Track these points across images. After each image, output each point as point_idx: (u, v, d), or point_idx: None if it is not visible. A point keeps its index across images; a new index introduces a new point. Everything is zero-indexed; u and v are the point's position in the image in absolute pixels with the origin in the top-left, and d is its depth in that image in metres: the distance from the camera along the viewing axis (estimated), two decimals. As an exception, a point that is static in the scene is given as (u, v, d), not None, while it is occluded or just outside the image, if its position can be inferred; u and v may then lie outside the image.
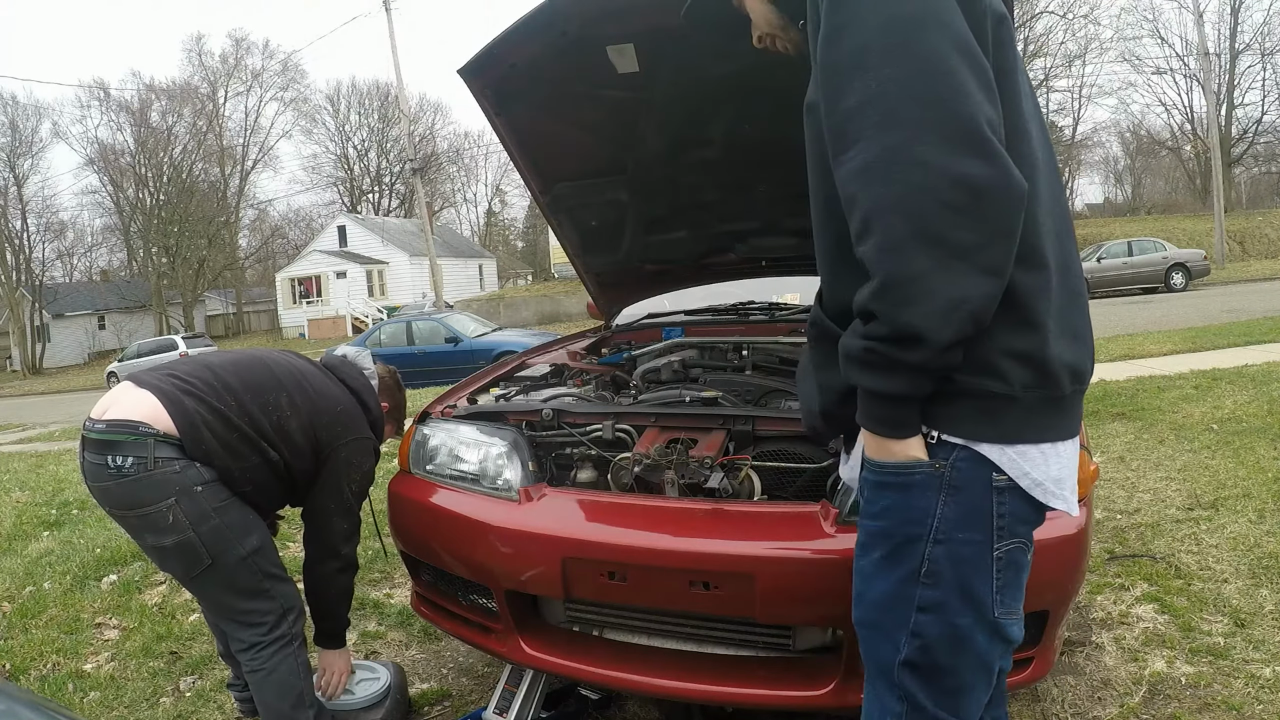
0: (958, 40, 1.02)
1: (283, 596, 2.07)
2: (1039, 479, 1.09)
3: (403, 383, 2.58)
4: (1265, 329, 9.08)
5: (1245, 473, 3.98)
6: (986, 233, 0.99)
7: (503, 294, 35.68)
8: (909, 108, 1.00)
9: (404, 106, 25.72)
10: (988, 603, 1.10)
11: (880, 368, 1.05)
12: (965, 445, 1.08)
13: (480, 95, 2.42)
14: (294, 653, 2.07)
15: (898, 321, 1.01)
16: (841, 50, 1.05)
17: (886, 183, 1.00)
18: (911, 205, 0.98)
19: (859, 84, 1.03)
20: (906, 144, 0.99)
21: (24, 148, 40.86)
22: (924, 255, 0.98)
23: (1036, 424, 1.10)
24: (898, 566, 1.12)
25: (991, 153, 0.99)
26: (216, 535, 1.94)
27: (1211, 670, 2.35)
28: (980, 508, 1.09)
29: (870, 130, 1.01)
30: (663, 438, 2.06)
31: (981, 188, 0.98)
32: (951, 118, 0.99)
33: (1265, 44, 34.38)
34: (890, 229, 1.00)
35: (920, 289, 0.99)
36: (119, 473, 1.89)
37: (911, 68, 1.00)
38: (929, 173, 0.98)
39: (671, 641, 1.97)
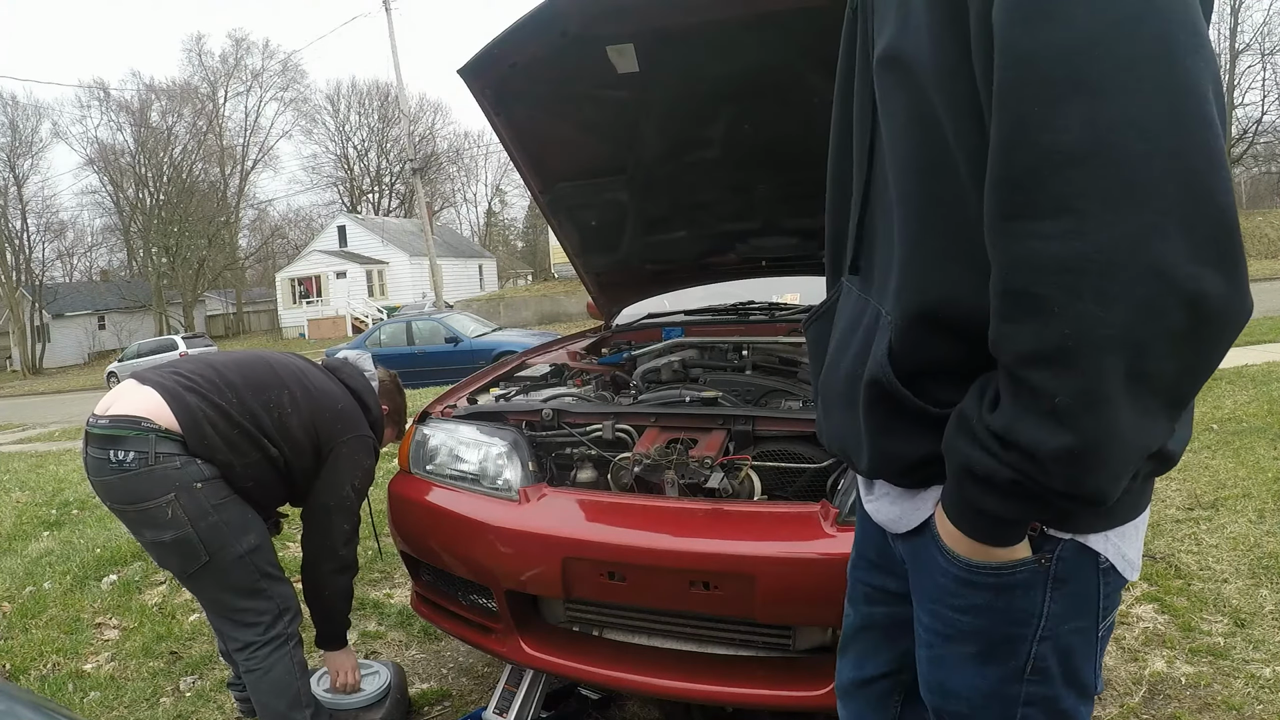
0: (1213, 66, 0.67)
1: (279, 596, 2.07)
2: (1131, 557, 0.95)
3: (403, 385, 2.58)
4: (1265, 329, 9.09)
5: (1245, 473, 3.98)
6: (1193, 364, 0.72)
7: (503, 294, 35.68)
8: (1157, 176, 0.66)
9: (404, 106, 25.73)
10: (1091, 681, 0.98)
11: (1028, 501, 0.80)
12: (1072, 539, 0.91)
13: (480, 95, 2.42)
14: (290, 652, 2.07)
15: (1081, 487, 0.76)
16: (1051, 40, 0.68)
17: (1108, 301, 0.68)
18: (1135, 336, 0.69)
19: (1082, 113, 0.67)
20: (1144, 239, 0.66)
21: (24, 148, 40.88)
22: (1129, 403, 0.71)
23: (1137, 501, 0.94)
24: (997, 665, 0.96)
25: (1236, 262, 0.69)
26: (215, 532, 1.95)
27: (1211, 670, 2.35)
28: (1088, 594, 0.94)
29: (1095, 204, 0.67)
30: (663, 438, 2.06)
31: (1213, 314, 0.69)
32: (1207, 201, 0.66)
33: (1265, 44, 34.41)
34: (1104, 377, 0.70)
35: (1119, 447, 0.73)
36: (120, 467, 1.90)
37: (1166, 107, 0.65)
38: (1163, 286, 0.67)
39: (671, 641, 1.97)
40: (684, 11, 2.10)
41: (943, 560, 0.95)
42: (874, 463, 0.99)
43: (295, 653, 2.08)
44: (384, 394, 2.41)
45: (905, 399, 0.91)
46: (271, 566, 2.08)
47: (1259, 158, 39.18)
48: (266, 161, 47.04)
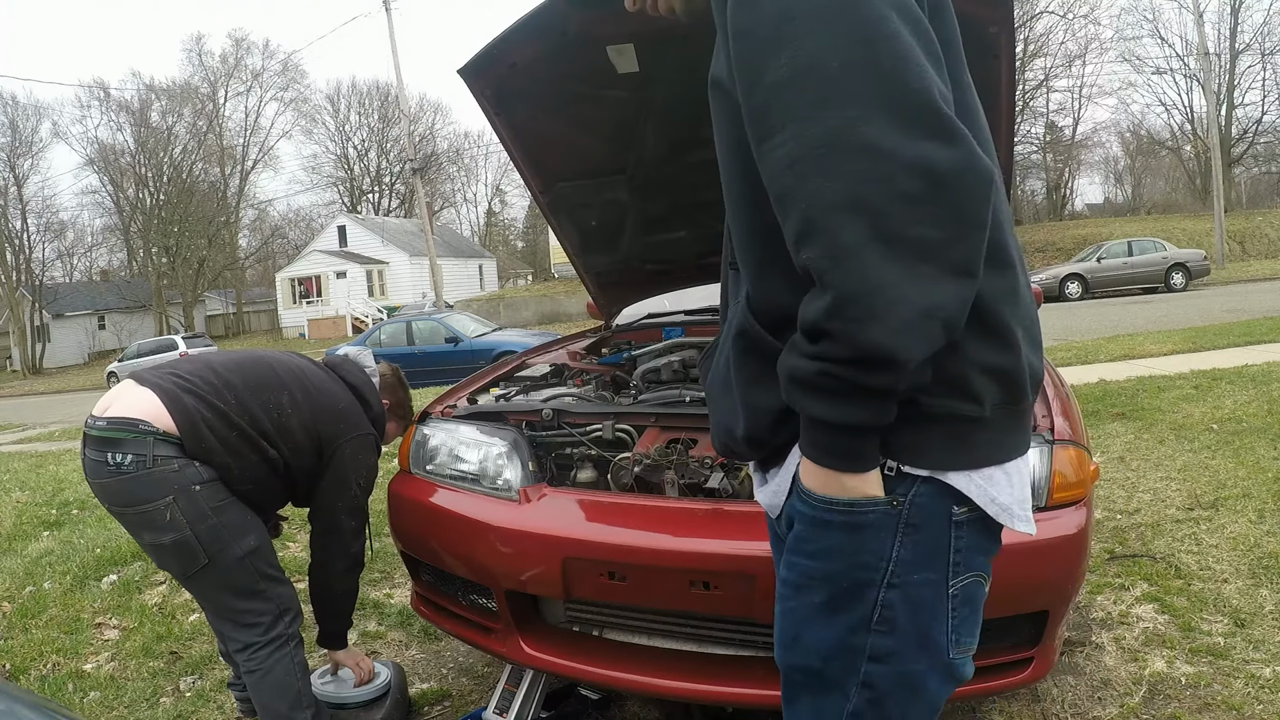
0: (895, 2, 0.86)
1: (279, 598, 2.07)
2: (1006, 503, 0.97)
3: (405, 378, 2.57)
4: (1265, 329, 9.08)
5: (1245, 473, 3.98)
6: (954, 226, 0.84)
7: (503, 294, 35.69)
8: (849, 81, 0.83)
9: (404, 106, 25.72)
10: (943, 644, 0.98)
11: (838, 394, 0.88)
12: (930, 477, 0.95)
13: (480, 95, 2.42)
14: (290, 653, 2.07)
15: (860, 341, 0.84)
16: (760, 13, 0.88)
17: (829, 174, 0.83)
18: (863, 200, 0.82)
19: (784, 55, 0.86)
20: (850, 125, 0.83)
21: (24, 148, 40.92)
22: (885, 259, 0.82)
23: (1004, 442, 0.98)
24: (845, 613, 0.98)
25: (952, 131, 0.84)
26: (214, 535, 1.94)
27: (1211, 670, 2.35)
28: (938, 545, 0.96)
29: (803, 110, 0.85)
30: (663, 438, 2.06)
31: (944, 173, 0.82)
32: (901, 91, 0.83)
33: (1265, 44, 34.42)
34: (840, 231, 0.83)
35: (885, 300, 0.82)
36: (118, 470, 1.90)
37: (848, 33, 0.84)
38: (880, 159, 0.82)
39: (671, 641, 1.97)
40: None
41: (801, 505, 0.99)
42: (748, 426, 1.05)
43: (296, 653, 2.08)
44: (385, 389, 2.40)
45: (765, 342, 1.00)
46: (271, 568, 2.07)
47: (1259, 158, 39.17)
48: (266, 161, 47.05)
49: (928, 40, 0.88)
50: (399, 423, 2.51)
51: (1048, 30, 35.75)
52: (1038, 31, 35.26)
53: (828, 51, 0.85)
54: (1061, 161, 41.76)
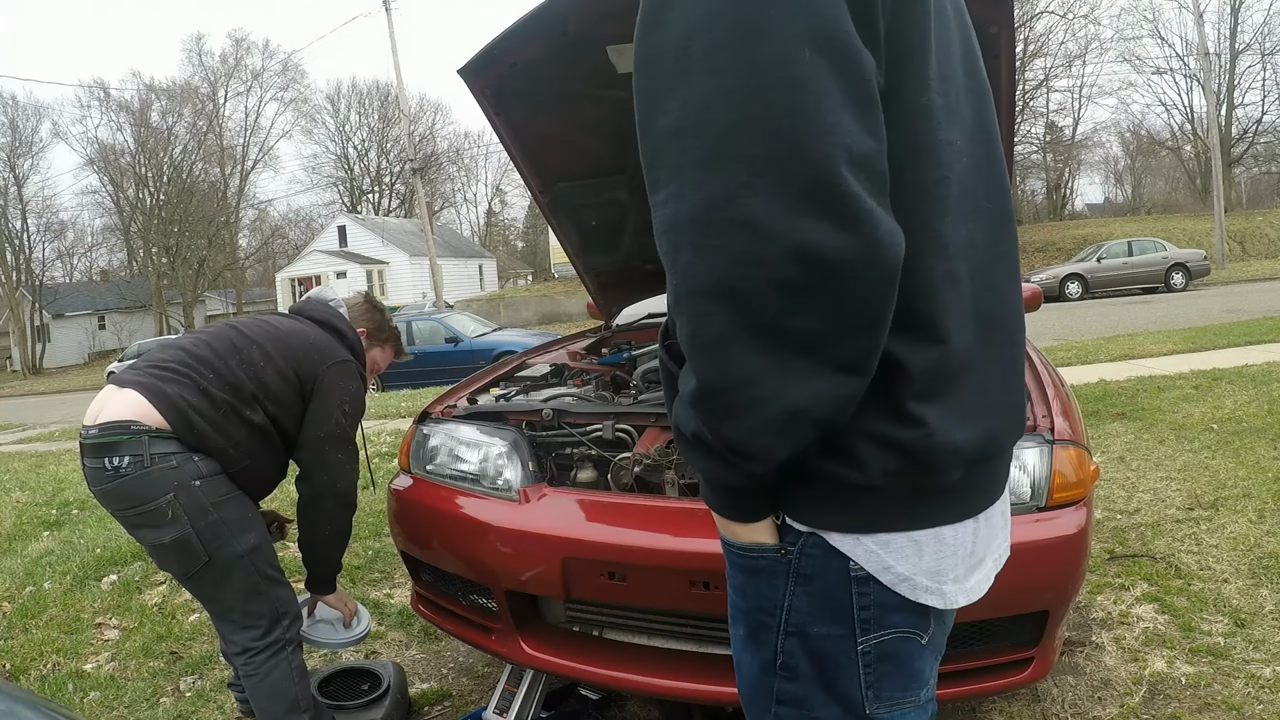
0: (814, 29, 0.70)
1: (278, 600, 2.06)
2: (907, 573, 0.87)
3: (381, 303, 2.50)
4: (1265, 329, 9.08)
5: (1245, 473, 3.98)
6: (841, 321, 0.73)
7: (503, 294, 35.68)
8: (738, 140, 0.71)
9: (404, 106, 25.73)
10: (856, 699, 0.91)
11: (713, 459, 0.82)
12: (813, 533, 0.88)
13: (480, 95, 2.42)
14: (288, 658, 2.06)
15: (719, 435, 0.78)
16: (660, 42, 0.75)
17: (700, 250, 0.73)
18: (735, 285, 0.72)
19: (678, 97, 0.74)
20: (731, 196, 0.71)
21: (24, 148, 40.88)
22: (753, 352, 0.73)
23: (909, 512, 0.87)
24: (758, 651, 0.95)
25: (848, 212, 0.70)
26: (214, 531, 1.94)
27: (1211, 670, 2.35)
28: (836, 599, 0.89)
29: (686, 170, 0.73)
30: (663, 438, 2.06)
31: (833, 263, 0.70)
32: (796, 159, 0.70)
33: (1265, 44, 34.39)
34: (705, 318, 0.74)
35: (747, 398, 0.75)
36: (117, 473, 1.90)
37: (744, 80, 0.71)
38: (761, 239, 0.70)
39: (671, 641, 1.97)
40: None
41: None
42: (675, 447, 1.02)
43: (294, 657, 2.08)
44: (359, 317, 2.36)
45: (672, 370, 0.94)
46: (272, 569, 2.07)
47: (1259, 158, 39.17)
48: (266, 161, 47.05)
49: (852, 73, 0.72)
50: (385, 346, 2.45)
51: (1048, 30, 35.72)
52: (1038, 31, 35.24)
53: (720, 101, 0.72)
54: (1061, 161, 41.76)
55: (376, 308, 2.44)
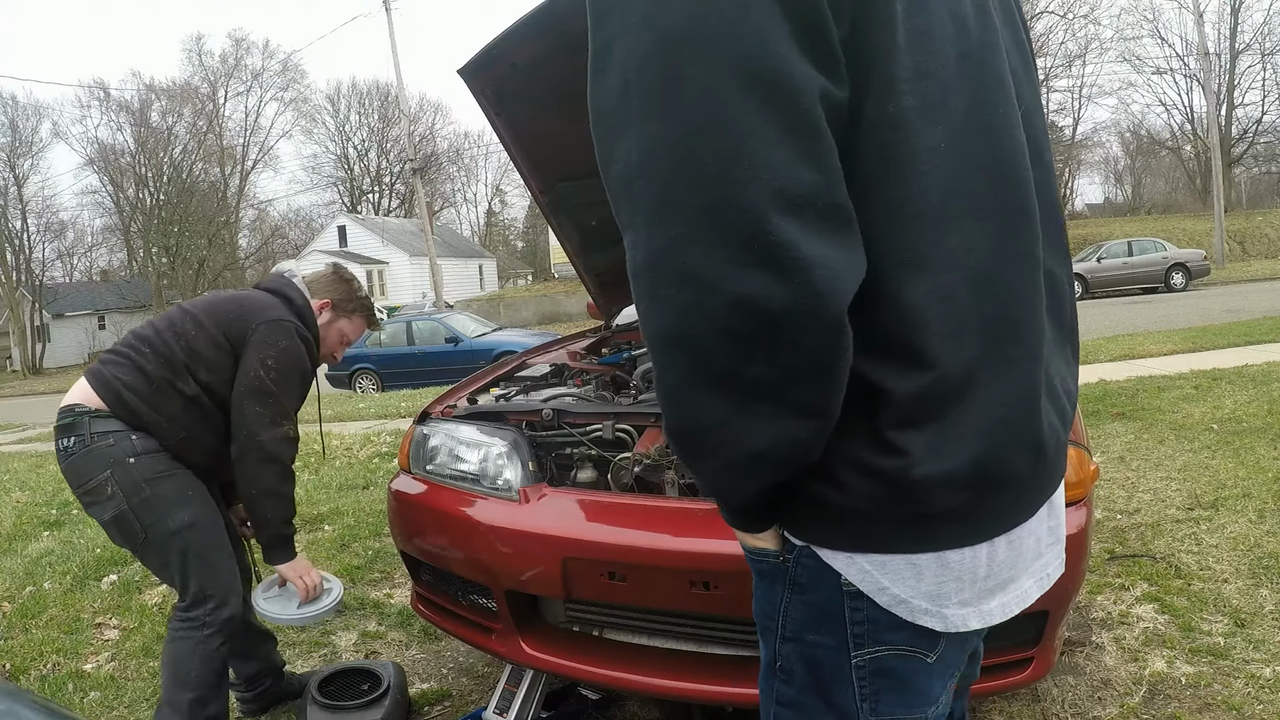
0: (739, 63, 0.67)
1: (206, 582, 2.06)
2: (902, 595, 0.85)
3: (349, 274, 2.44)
4: (1265, 329, 9.08)
5: (1245, 473, 3.98)
6: (794, 368, 0.72)
7: (503, 294, 35.69)
8: (674, 189, 0.69)
9: (404, 106, 25.73)
10: (851, 710, 0.91)
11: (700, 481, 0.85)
12: (808, 546, 0.88)
13: (480, 95, 2.42)
14: (200, 640, 2.05)
15: (695, 468, 0.81)
16: (606, 87, 0.76)
17: (654, 300, 0.72)
18: (687, 335, 0.71)
19: (624, 145, 0.73)
20: (674, 249, 0.70)
21: (24, 148, 40.84)
22: (713, 399, 0.74)
23: (904, 535, 0.84)
24: (765, 651, 0.97)
25: (782, 262, 0.67)
26: (147, 507, 2.00)
27: (1211, 670, 2.35)
28: (829, 612, 0.89)
29: (638, 221, 0.72)
30: (663, 438, 2.06)
31: (773, 313, 0.69)
32: (726, 206, 0.68)
33: (1265, 44, 34.40)
34: (667, 367, 0.75)
35: (711, 442, 0.76)
36: (66, 453, 2.03)
37: (676, 124, 0.69)
38: (703, 291, 0.69)
39: (671, 641, 1.97)
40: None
41: None
42: None
43: (207, 642, 2.05)
44: (324, 288, 2.33)
45: None
46: (206, 548, 2.06)
47: (1259, 158, 39.18)
48: (266, 161, 47.19)
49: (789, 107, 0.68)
50: (354, 318, 2.39)
51: (1048, 30, 35.72)
52: (1038, 31, 35.20)
53: (657, 149, 0.70)
54: (1061, 161, 41.74)
55: (343, 278, 2.39)
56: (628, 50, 0.72)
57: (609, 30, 0.75)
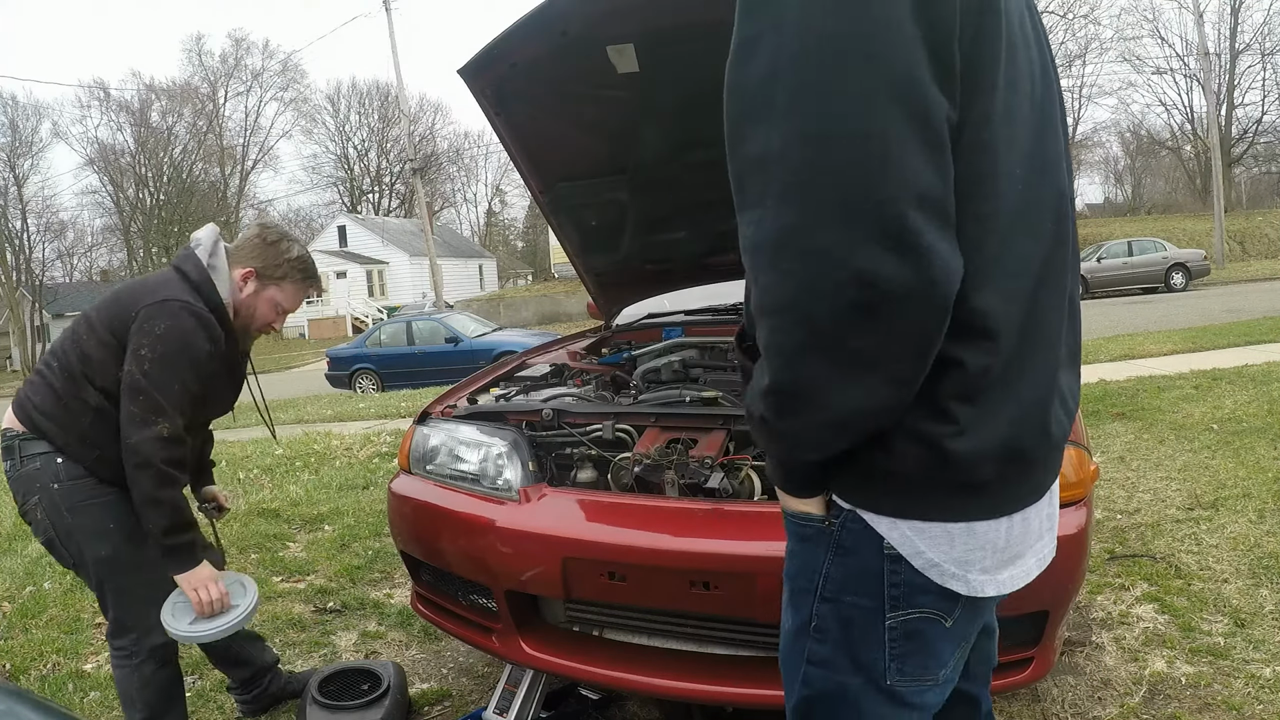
0: (896, 79, 0.78)
1: (123, 613, 2.01)
2: (935, 559, 0.96)
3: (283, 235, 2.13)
4: (1265, 329, 9.08)
5: (1245, 473, 3.98)
6: (894, 344, 0.82)
7: (503, 294, 35.69)
8: (816, 177, 0.79)
9: (404, 106, 25.73)
10: (879, 670, 1.01)
11: (774, 442, 0.95)
12: (854, 510, 0.98)
13: (480, 95, 2.42)
14: (133, 668, 2.03)
15: (780, 427, 0.90)
16: (750, 73, 0.83)
17: (779, 271, 0.82)
18: (805, 306, 0.81)
19: (763, 130, 0.81)
20: (807, 227, 0.79)
21: (24, 148, 40.81)
22: (819, 364, 0.83)
23: (942, 503, 0.95)
24: (796, 613, 1.06)
25: (911, 247, 0.78)
26: (70, 535, 1.94)
27: (1211, 670, 2.35)
28: (869, 573, 0.98)
29: (769, 199, 0.81)
30: (663, 438, 2.06)
31: (891, 293, 0.78)
32: (866, 197, 0.78)
33: (1265, 44, 34.40)
34: (782, 329, 0.84)
35: (809, 402, 0.86)
36: (7, 475, 1.99)
37: (825, 121, 0.78)
38: (829, 267, 0.79)
39: (672, 641, 1.97)
40: (684, 11, 2.10)
41: None
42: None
43: (140, 670, 2.02)
44: (246, 255, 2.06)
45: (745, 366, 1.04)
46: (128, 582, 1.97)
47: (1259, 158, 39.18)
48: (266, 161, 47.14)
49: (925, 121, 0.79)
50: (283, 284, 2.09)
51: (1048, 30, 35.61)
52: (1038, 31, 35.14)
53: (801, 139, 0.79)
54: (1061, 161, 41.66)
55: (268, 241, 2.09)
56: (780, 46, 0.80)
57: (761, 22, 0.82)
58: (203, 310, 1.93)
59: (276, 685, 2.48)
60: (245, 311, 2.08)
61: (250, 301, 2.08)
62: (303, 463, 5.91)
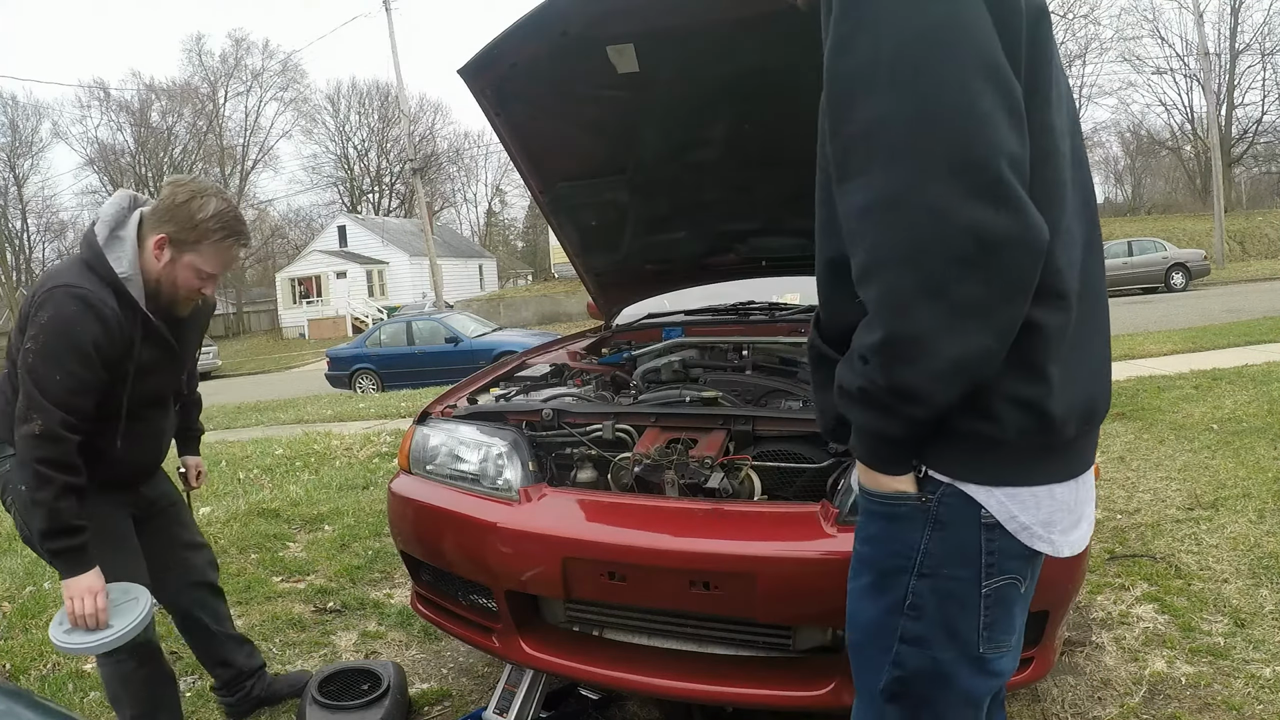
0: (984, 61, 0.92)
1: None
2: (1026, 522, 1.04)
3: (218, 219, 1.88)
4: (1265, 329, 9.09)
5: (1245, 473, 3.98)
6: (998, 289, 0.91)
7: (503, 294, 35.69)
8: (920, 142, 0.90)
9: (404, 106, 25.74)
10: (973, 639, 1.07)
11: (873, 409, 1.00)
12: (951, 483, 1.04)
13: (480, 95, 2.42)
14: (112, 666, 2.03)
15: (894, 379, 0.95)
16: (851, 62, 0.95)
17: (891, 228, 0.91)
18: (918, 256, 0.90)
19: (866, 107, 0.93)
20: (915, 185, 0.90)
21: (24, 148, 40.92)
22: (929, 312, 0.91)
23: (1032, 468, 1.05)
24: (883, 595, 1.09)
25: (1009, 199, 0.90)
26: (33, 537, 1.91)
27: (1211, 670, 2.35)
28: (968, 544, 1.05)
29: (876, 165, 0.92)
30: (663, 438, 2.06)
31: (995, 240, 0.89)
32: (966, 156, 0.89)
33: (1265, 44, 34.36)
34: (894, 282, 0.92)
35: (922, 349, 0.92)
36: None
37: (926, 95, 0.90)
38: (938, 220, 0.89)
39: (671, 641, 1.97)
40: (684, 11, 2.10)
41: (858, 496, 1.14)
42: (822, 424, 1.20)
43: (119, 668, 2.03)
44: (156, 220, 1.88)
45: (827, 355, 1.12)
46: None
47: (1259, 158, 39.16)
48: (266, 161, 47.06)
49: (1008, 98, 0.92)
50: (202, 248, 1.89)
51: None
52: (1037, 31, 35.13)
53: (903, 110, 0.91)
54: (1061, 162, 41.64)
55: (176, 202, 1.87)
56: (880, 35, 0.92)
57: (861, 14, 0.94)
58: (90, 293, 1.78)
59: (261, 689, 2.47)
60: (165, 281, 1.90)
61: (168, 271, 1.89)
62: (303, 463, 5.92)
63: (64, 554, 1.80)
